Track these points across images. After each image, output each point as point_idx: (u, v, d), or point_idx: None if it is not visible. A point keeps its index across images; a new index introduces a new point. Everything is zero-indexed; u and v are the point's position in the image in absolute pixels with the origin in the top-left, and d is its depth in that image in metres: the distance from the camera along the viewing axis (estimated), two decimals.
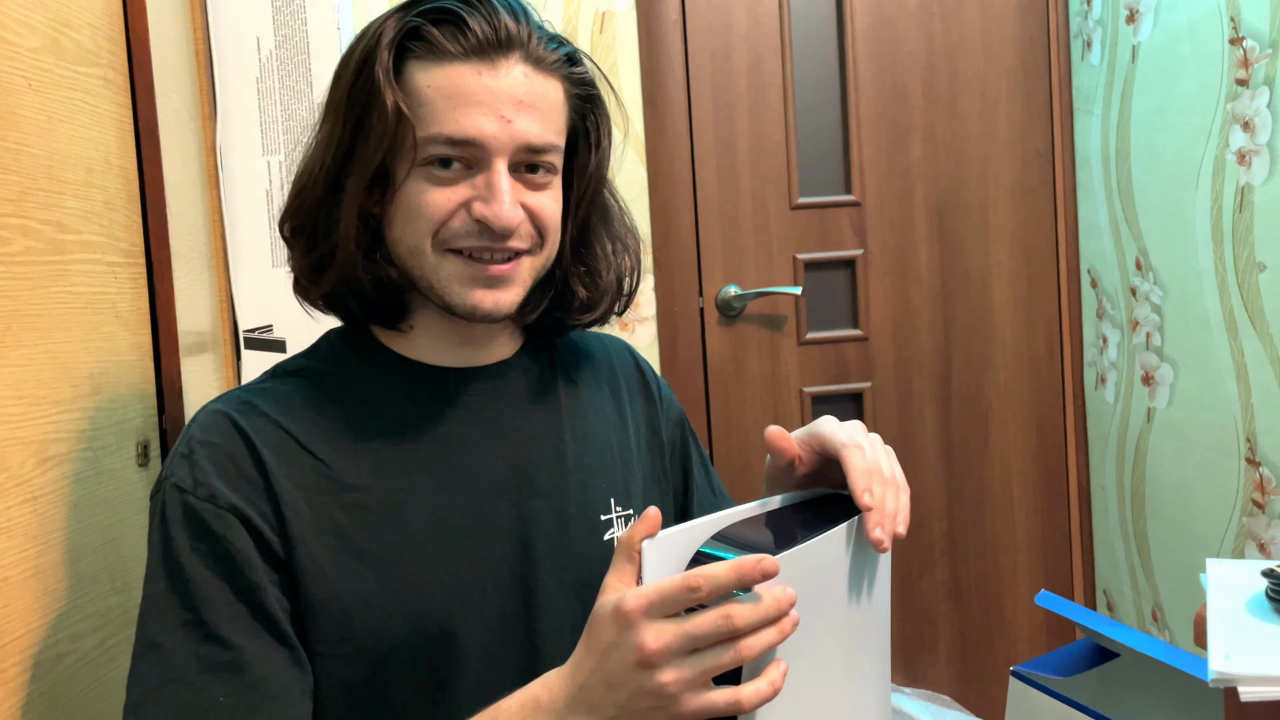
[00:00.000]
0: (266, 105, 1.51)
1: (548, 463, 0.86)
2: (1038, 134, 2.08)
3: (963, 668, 2.11)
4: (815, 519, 0.71)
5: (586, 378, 0.95)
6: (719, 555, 0.63)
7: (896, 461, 0.76)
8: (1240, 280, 1.59)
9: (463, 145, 0.76)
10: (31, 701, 0.83)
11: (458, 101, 0.76)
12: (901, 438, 2.07)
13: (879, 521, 0.69)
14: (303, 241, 0.83)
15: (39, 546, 0.85)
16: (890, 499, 0.71)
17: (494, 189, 0.77)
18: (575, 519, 0.86)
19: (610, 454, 0.91)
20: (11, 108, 0.84)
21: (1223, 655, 0.55)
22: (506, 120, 0.76)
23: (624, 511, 0.89)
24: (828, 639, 0.69)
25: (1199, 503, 1.74)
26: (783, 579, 0.60)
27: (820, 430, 0.76)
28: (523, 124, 0.77)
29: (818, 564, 0.66)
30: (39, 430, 0.87)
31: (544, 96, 0.79)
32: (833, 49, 2.03)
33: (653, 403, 0.98)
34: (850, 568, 0.70)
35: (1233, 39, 1.58)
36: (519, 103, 0.77)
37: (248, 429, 0.78)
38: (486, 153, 0.77)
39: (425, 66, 0.77)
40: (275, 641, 0.74)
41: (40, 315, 0.88)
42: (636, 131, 1.84)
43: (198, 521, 0.74)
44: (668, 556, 0.63)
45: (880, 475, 0.72)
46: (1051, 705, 0.80)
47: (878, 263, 2.05)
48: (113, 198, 1.04)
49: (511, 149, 0.77)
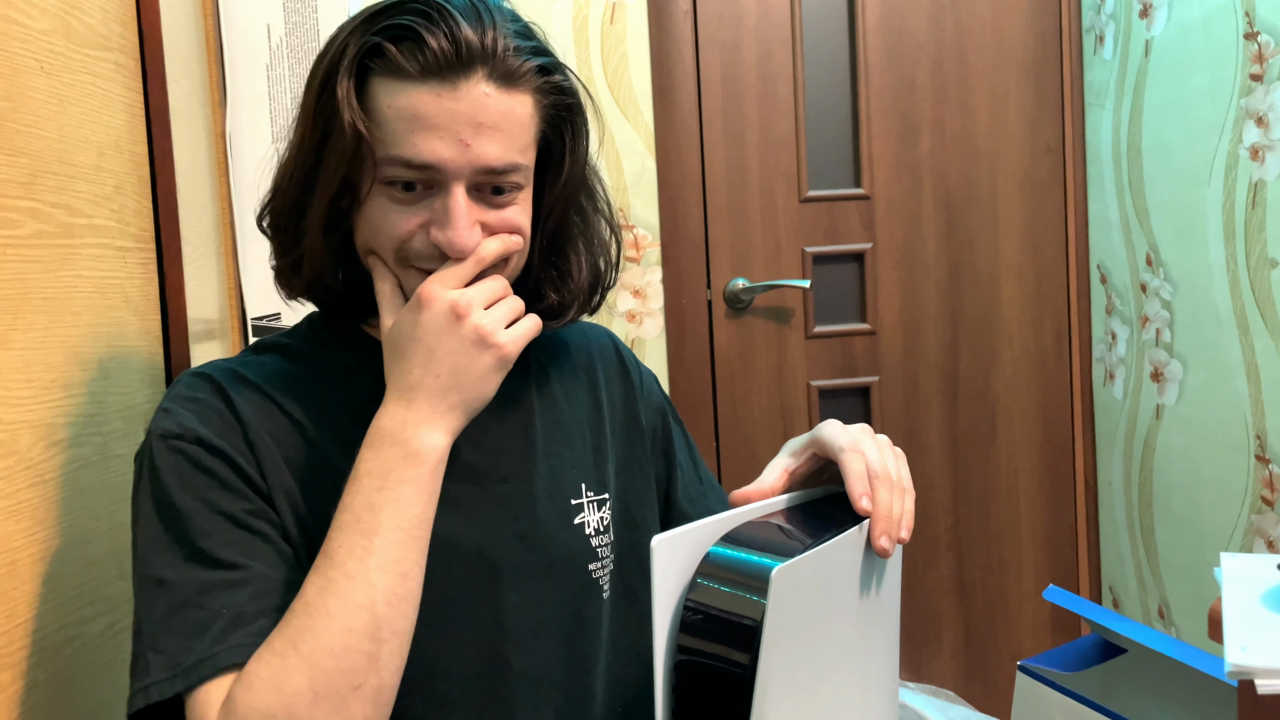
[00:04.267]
0: (276, 93, 1.50)
1: (515, 448, 0.87)
2: (1048, 128, 2.07)
3: (967, 663, 2.11)
4: (825, 519, 0.70)
5: (561, 364, 0.95)
6: (730, 556, 0.63)
7: (905, 464, 0.75)
8: (1252, 276, 1.58)
9: (421, 169, 0.76)
10: (38, 684, 0.83)
11: (415, 125, 0.75)
12: (908, 432, 2.06)
13: (884, 529, 0.68)
14: (277, 243, 0.84)
15: (47, 530, 0.85)
16: (896, 503, 0.70)
17: (449, 213, 0.76)
18: (544, 501, 0.86)
19: (582, 440, 0.92)
20: (22, 89, 0.84)
21: (1239, 648, 0.54)
22: (465, 144, 0.75)
23: (596, 496, 0.90)
24: (838, 642, 0.68)
25: (1207, 499, 1.74)
26: (795, 584, 0.60)
27: (821, 435, 0.75)
28: (482, 147, 0.76)
29: (828, 568, 0.66)
30: (47, 414, 0.86)
31: (507, 115, 0.77)
32: (843, 41, 2.02)
33: (631, 389, 0.98)
34: (861, 571, 0.70)
35: (1247, 34, 1.57)
36: (479, 125, 0.76)
37: (229, 390, 0.80)
38: (444, 176, 0.76)
39: (386, 85, 0.76)
40: (277, 558, 0.76)
41: (50, 299, 0.87)
42: (646, 123, 1.83)
43: (187, 461, 0.76)
44: (676, 555, 0.63)
45: (885, 479, 0.71)
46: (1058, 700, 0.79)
47: (886, 256, 2.04)
48: (123, 182, 1.04)
49: (469, 172, 0.76)
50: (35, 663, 0.83)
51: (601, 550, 0.88)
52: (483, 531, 0.83)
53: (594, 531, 0.88)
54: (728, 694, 0.59)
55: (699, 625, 0.61)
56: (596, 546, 0.88)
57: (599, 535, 0.88)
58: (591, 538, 0.88)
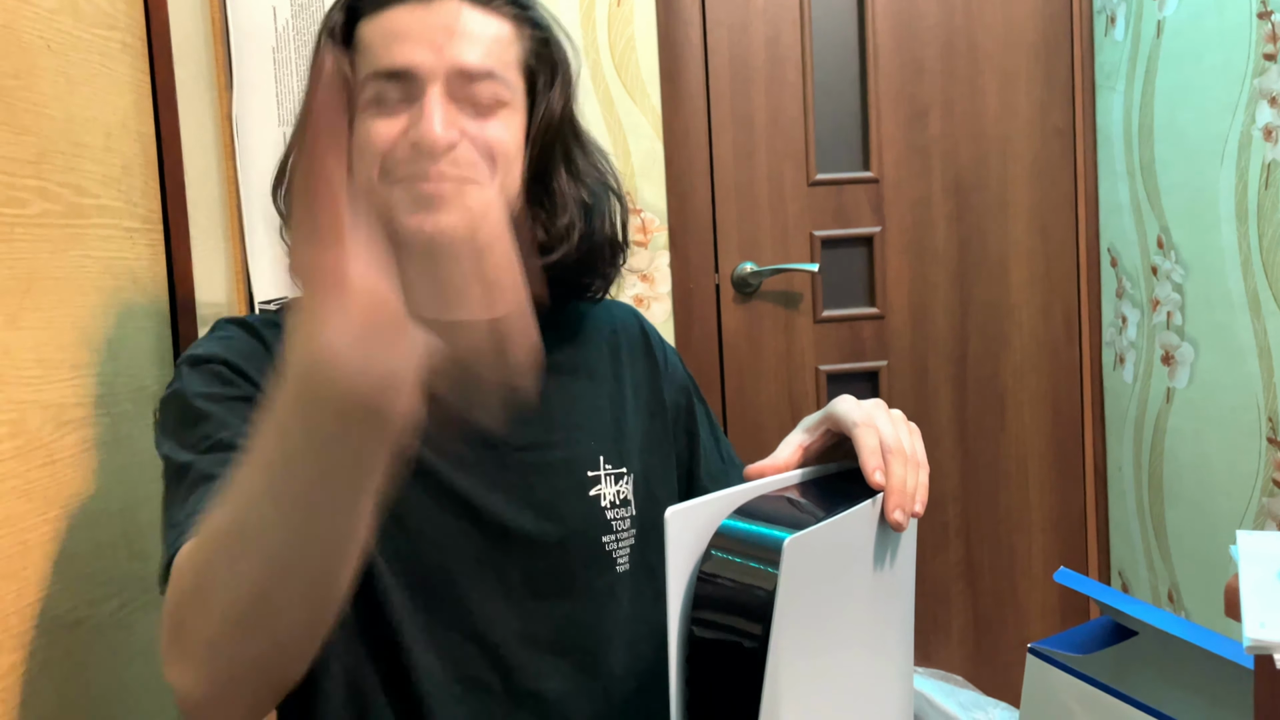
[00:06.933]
0: (283, 76, 1.50)
1: (534, 418, 0.87)
2: (1059, 110, 2.05)
3: (976, 648, 2.11)
4: (839, 495, 0.70)
5: (585, 340, 0.95)
6: (742, 528, 0.63)
7: (919, 438, 0.74)
8: (1265, 258, 1.57)
9: (397, 77, 0.77)
10: (49, 665, 0.83)
11: (390, 38, 0.78)
12: (917, 417, 2.04)
13: (898, 503, 0.68)
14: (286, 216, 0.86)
15: (57, 510, 0.86)
16: (910, 477, 0.70)
17: (423, 109, 0.77)
18: (559, 471, 0.87)
19: (603, 414, 0.92)
20: (30, 68, 0.84)
21: (1258, 624, 0.54)
22: (438, 47, 0.77)
23: (614, 470, 0.90)
24: (852, 615, 0.68)
25: (1218, 483, 1.73)
26: (807, 555, 0.60)
27: (835, 410, 0.75)
28: (455, 50, 0.78)
29: (841, 540, 0.65)
30: (57, 394, 0.86)
31: (482, 28, 0.80)
32: (852, 23, 2.01)
33: (655, 365, 0.99)
34: (875, 545, 0.69)
35: (1260, 13, 1.55)
36: (451, 31, 0.78)
37: (263, 331, 0.83)
38: (419, 80, 0.77)
39: (369, 19, 0.80)
40: None
41: (59, 279, 0.87)
42: (653, 106, 1.82)
43: (212, 375, 0.78)
44: (690, 527, 0.63)
45: (899, 453, 0.70)
46: (1069, 682, 0.79)
47: (895, 240, 2.03)
48: (130, 163, 1.03)
49: (443, 73, 0.78)
50: (46, 643, 0.83)
51: (617, 524, 0.88)
52: (497, 495, 0.84)
53: (610, 504, 0.88)
54: (740, 665, 0.59)
55: (712, 596, 0.61)
56: (612, 519, 0.88)
57: (615, 509, 0.89)
58: (607, 510, 0.88)
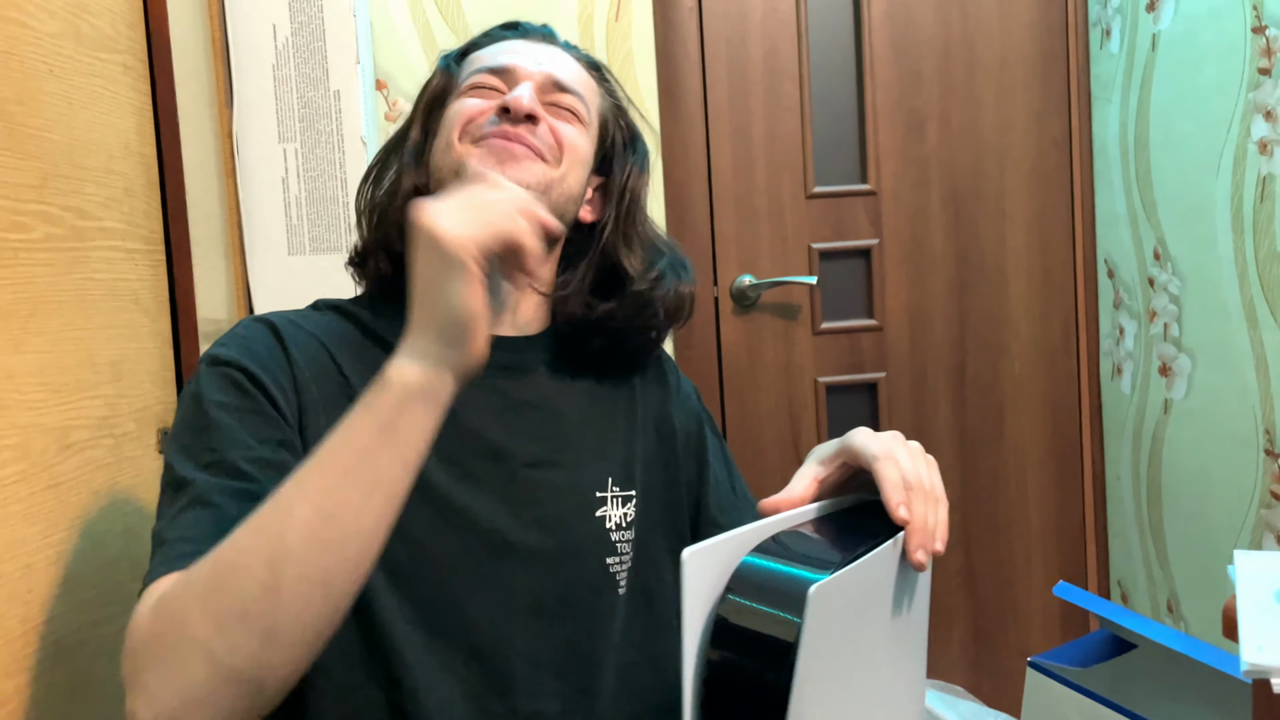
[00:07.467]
0: (283, 93, 1.50)
1: (544, 435, 0.88)
2: (1055, 122, 2.06)
3: (976, 658, 2.11)
4: (858, 529, 0.68)
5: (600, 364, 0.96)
6: (765, 566, 0.61)
7: (937, 471, 0.72)
8: (1260, 270, 1.58)
9: (498, 72, 0.89)
10: (54, 687, 0.83)
11: (497, 51, 0.92)
12: (916, 428, 2.06)
13: (921, 542, 0.66)
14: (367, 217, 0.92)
15: (62, 533, 0.86)
16: (931, 514, 0.68)
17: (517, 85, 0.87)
18: (566, 490, 0.87)
19: (614, 436, 0.93)
20: (33, 93, 0.84)
21: (1255, 647, 0.54)
22: (538, 62, 0.90)
23: (622, 492, 0.90)
24: (871, 655, 0.67)
25: (1216, 494, 1.73)
26: (831, 601, 0.58)
27: (852, 443, 0.73)
28: (551, 66, 0.90)
29: (864, 582, 0.63)
30: (61, 417, 0.87)
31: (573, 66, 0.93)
32: (849, 36, 2.02)
33: (667, 390, 0.99)
34: (895, 583, 0.68)
35: (1255, 27, 1.56)
36: (550, 56, 0.92)
37: (284, 333, 0.83)
38: (517, 76, 0.89)
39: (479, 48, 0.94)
40: None
41: (62, 302, 0.88)
42: (652, 120, 1.83)
43: (229, 383, 0.78)
44: (708, 567, 0.60)
45: (920, 489, 0.68)
46: (1069, 696, 0.79)
47: (893, 252, 2.04)
48: (133, 185, 1.04)
49: (540, 78, 0.89)
50: (51, 665, 0.83)
51: (621, 546, 0.88)
52: (501, 510, 0.84)
53: (615, 526, 0.88)
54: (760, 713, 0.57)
55: (731, 641, 0.59)
56: (616, 541, 0.88)
57: (620, 531, 0.89)
58: (611, 532, 0.88)
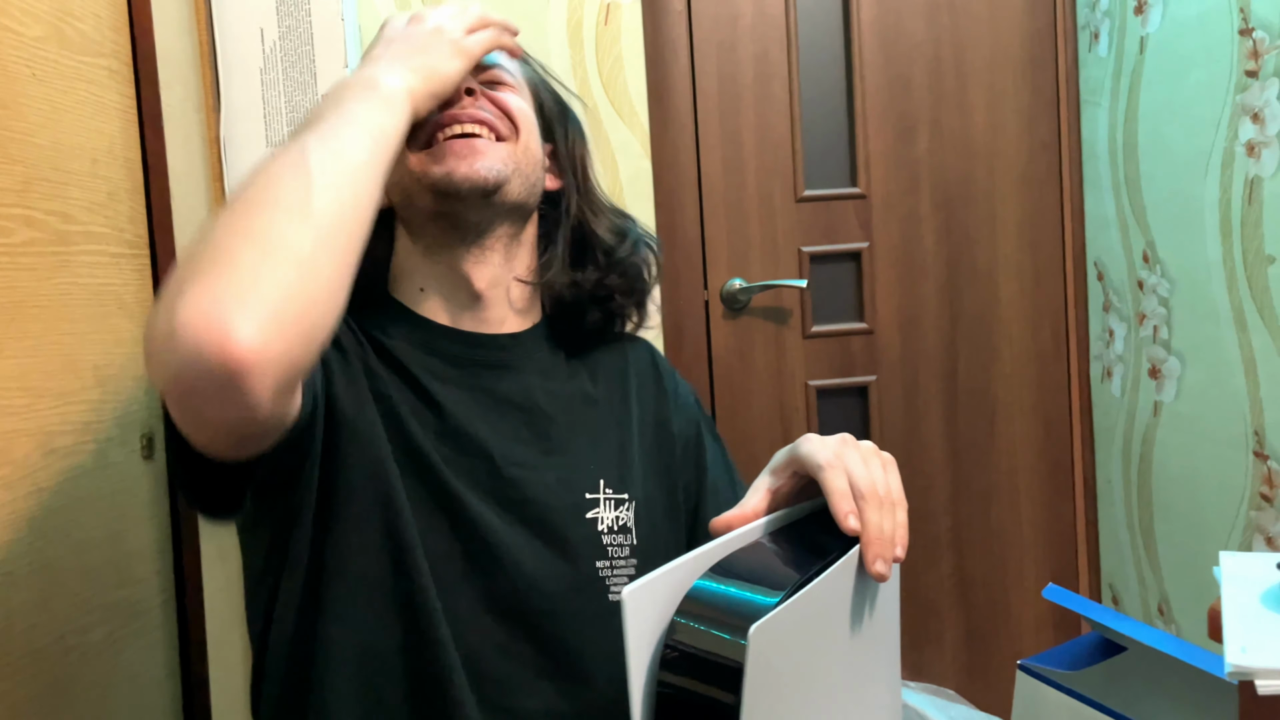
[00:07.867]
0: (270, 97, 1.50)
1: (536, 438, 0.88)
2: (1044, 126, 2.07)
3: (968, 661, 2.11)
4: (813, 541, 0.66)
5: (595, 368, 0.96)
6: (718, 589, 0.59)
7: (895, 471, 0.68)
8: (1249, 273, 1.58)
9: None
10: (38, 694, 0.83)
11: None
12: (907, 431, 2.06)
13: (878, 552, 0.63)
14: None
15: (45, 540, 0.85)
16: (887, 520, 0.65)
17: None
18: (556, 491, 0.87)
19: (608, 439, 0.92)
20: (15, 97, 0.84)
21: (1239, 649, 0.54)
22: None
23: (615, 495, 0.90)
24: (834, 668, 0.65)
25: (1206, 497, 1.74)
26: (777, 635, 0.56)
27: (799, 451, 0.70)
28: None
29: (816, 606, 0.61)
30: (44, 422, 0.86)
31: None
32: (839, 40, 2.02)
33: (663, 395, 0.99)
34: (854, 595, 0.65)
35: (1242, 30, 1.57)
36: None
37: None
38: None
39: None
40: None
41: (45, 307, 0.87)
42: (641, 124, 1.83)
43: None
44: (652, 603, 0.58)
45: (872, 495, 0.65)
46: (1059, 699, 0.79)
47: (883, 256, 2.04)
48: (117, 189, 1.03)
49: None
50: (34, 673, 0.82)
51: (614, 549, 0.88)
52: (491, 507, 0.84)
53: (608, 529, 0.88)
54: None
55: (682, 665, 0.57)
56: (608, 544, 0.87)
57: (613, 534, 0.88)
58: (604, 535, 0.87)
